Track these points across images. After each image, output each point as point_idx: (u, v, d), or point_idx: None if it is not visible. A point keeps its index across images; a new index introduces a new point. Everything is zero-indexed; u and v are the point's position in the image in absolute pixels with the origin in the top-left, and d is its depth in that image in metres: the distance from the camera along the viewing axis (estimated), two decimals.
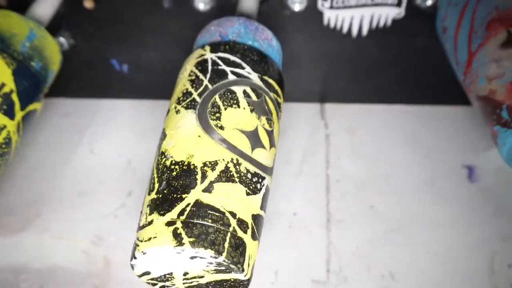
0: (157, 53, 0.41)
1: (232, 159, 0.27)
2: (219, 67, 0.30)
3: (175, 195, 0.25)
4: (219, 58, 0.31)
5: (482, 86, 0.30)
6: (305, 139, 0.42)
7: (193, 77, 0.30)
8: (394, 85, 0.42)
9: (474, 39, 0.32)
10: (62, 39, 0.40)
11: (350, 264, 0.34)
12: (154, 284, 0.27)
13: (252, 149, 0.28)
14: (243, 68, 0.30)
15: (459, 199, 0.37)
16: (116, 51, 0.41)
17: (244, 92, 0.29)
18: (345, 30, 0.38)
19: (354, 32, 0.38)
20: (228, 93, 0.29)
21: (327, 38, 0.39)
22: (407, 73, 0.41)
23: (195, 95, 0.29)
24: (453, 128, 0.41)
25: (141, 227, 0.26)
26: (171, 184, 0.26)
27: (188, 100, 0.29)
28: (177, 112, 0.29)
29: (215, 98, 0.29)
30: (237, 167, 0.27)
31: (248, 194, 0.27)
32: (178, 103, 0.29)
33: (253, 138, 0.28)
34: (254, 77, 0.30)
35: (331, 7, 0.36)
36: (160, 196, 0.26)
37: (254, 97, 0.30)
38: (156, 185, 0.26)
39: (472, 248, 0.34)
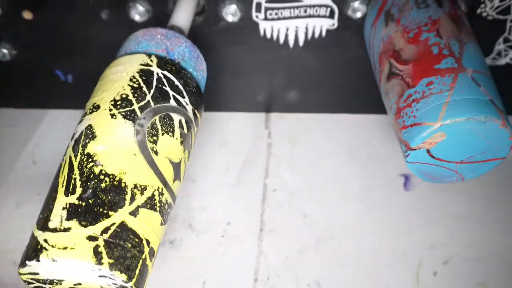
0: (99, 64, 0.41)
1: (158, 187, 0.27)
2: (164, 87, 0.29)
3: (101, 209, 0.25)
4: (165, 77, 0.30)
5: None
6: (247, 149, 0.42)
7: (136, 85, 0.29)
8: (335, 95, 0.43)
9: (376, 74, 0.33)
10: (4, 50, 0.40)
11: (278, 274, 0.34)
12: (30, 283, 0.26)
13: (174, 181, 0.28)
14: (183, 96, 0.30)
15: (392, 208, 0.37)
16: (60, 61, 0.41)
17: (180, 122, 0.30)
18: (281, 40, 0.38)
19: (291, 42, 0.39)
20: (167, 119, 0.29)
21: (266, 48, 0.39)
22: (346, 82, 0.41)
23: (135, 106, 0.28)
24: (392, 137, 0.42)
25: (51, 229, 0.24)
26: (99, 195, 0.25)
27: (127, 109, 0.28)
28: (113, 116, 0.28)
29: (155, 120, 0.28)
30: (160, 196, 0.27)
31: (161, 224, 0.27)
32: (115, 106, 0.28)
33: (176, 169, 0.29)
34: (189, 109, 0.31)
35: (266, 19, 0.37)
36: (84, 204, 0.25)
37: (185, 129, 0.30)
38: (79, 189, 0.25)
39: (400, 256, 0.34)
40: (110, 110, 0.28)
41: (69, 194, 0.25)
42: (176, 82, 0.30)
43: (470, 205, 0.37)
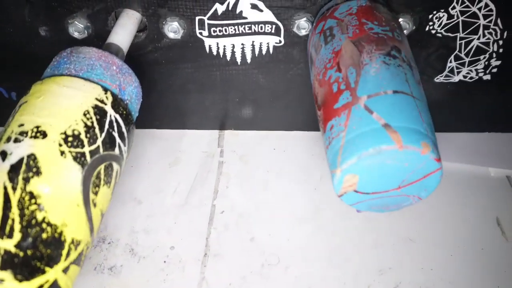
0: None
1: (87, 242, 0.26)
2: (113, 133, 0.28)
3: (38, 264, 0.23)
4: (116, 121, 0.28)
5: None
6: (197, 168, 0.41)
7: (89, 123, 0.27)
8: (288, 112, 0.41)
9: None
10: None
11: None
12: None
13: (94, 233, 0.27)
14: (124, 145, 0.29)
15: (342, 230, 0.36)
16: (3, 78, 0.40)
17: (117, 172, 0.28)
18: (228, 57, 0.37)
19: (238, 59, 0.37)
20: (110, 169, 0.27)
21: (214, 65, 0.38)
22: (299, 99, 0.40)
23: (86, 149, 0.26)
24: None
25: None
26: (38, 247, 0.23)
27: (78, 150, 0.26)
28: (63, 154, 0.25)
29: (100, 169, 0.27)
30: (84, 251, 0.26)
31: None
32: (66, 143, 0.25)
33: (99, 222, 0.27)
34: (124, 158, 0.29)
35: (210, 35, 0.36)
36: (21, 254, 0.22)
37: (117, 180, 0.28)
38: (17, 234, 0.23)
39: (348, 282, 0.33)
40: (60, 145, 0.25)
41: (4, 237, 0.23)
42: (123, 129, 0.29)
43: (420, 228, 0.36)
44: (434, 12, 0.34)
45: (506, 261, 0.35)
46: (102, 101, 0.28)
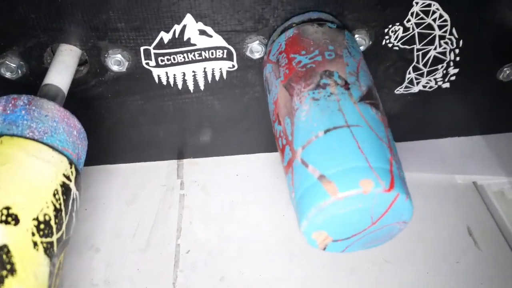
0: None
1: None
2: (73, 214, 0.25)
3: None
4: (76, 200, 0.25)
5: None
6: (158, 204, 0.38)
7: (58, 206, 0.23)
8: (248, 135, 0.40)
9: None
10: None
11: None
12: None
13: None
14: (74, 224, 0.26)
15: (316, 258, 0.35)
16: None
17: (63, 255, 0.25)
18: (180, 86, 0.35)
19: (191, 87, 0.35)
20: (64, 254, 0.24)
21: (165, 95, 0.35)
22: (258, 121, 0.38)
23: (54, 238, 0.23)
24: None
25: None
26: None
27: (48, 240, 0.22)
28: (35, 246, 0.21)
29: (62, 257, 0.24)
30: None
31: None
32: (38, 231, 0.22)
33: None
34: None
35: (158, 65, 0.33)
36: None
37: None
38: None
39: None
40: (33, 234, 0.22)
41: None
42: (78, 206, 0.26)
43: (394, 248, 0.35)
44: (390, 26, 0.33)
45: (481, 272, 0.34)
46: (68, 177, 0.25)
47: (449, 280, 0.34)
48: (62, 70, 0.31)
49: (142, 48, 0.32)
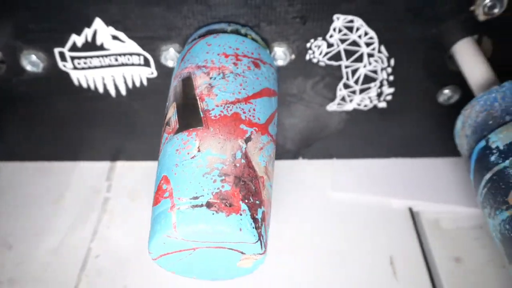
0: None
1: None
2: None
3: None
4: None
5: None
6: (81, 205, 0.38)
7: None
8: None
9: None
10: None
11: None
12: None
13: None
14: None
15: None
16: None
17: None
18: (101, 90, 0.35)
19: (112, 92, 0.35)
20: None
21: (88, 98, 0.35)
22: None
23: None
24: None
25: None
26: None
27: None
28: None
29: None
30: None
31: None
32: None
33: None
34: None
35: (75, 68, 0.33)
36: None
37: None
38: None
39: None
40: None
41: None
42: None
43: (317, 271, 0.34)
44: (312, 41, 0.32)
45: None
46: None
47: None
48: None
49: (56, 50, 0.32)
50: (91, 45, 0.32)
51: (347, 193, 0.39)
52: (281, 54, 0.32)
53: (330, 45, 0.32)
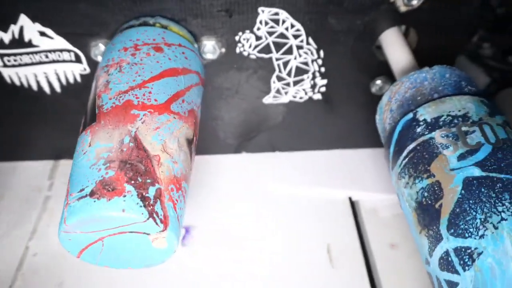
0: None
1: None
2: None
3: None
4: None
5: None
6: (20, 204, 0.38)
7: None
8: None
9: None
10: None
11: None
12: None
13: None
14: None
15: (164, 268, 0.34)
16: None
17: None
18: (35, 88, 0.34)
19: (46, 89, 0.35)
20: None
21: (23, 96, 0.35)
22: None
23: None
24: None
25: None
26: None
27: None
28: None
29: None
30: None
31: None
32: None
33: None
34: None
35: (5, 65, 0.33)
36: None
37: None
38: None
39: None
40: None
41: None
42: None
43: (249, 262, 0.34)
44: (240, 34, 0.32)
45: None
46: None
47: None
48: None
49: None
50: (19, 42, 0.32)
51: (288, 185, 0.39)
52: (210, 48, 0.32)
53: (258, 38, 0.32)
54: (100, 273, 0.33)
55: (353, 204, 0.39)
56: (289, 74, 0.35)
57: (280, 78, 0.35)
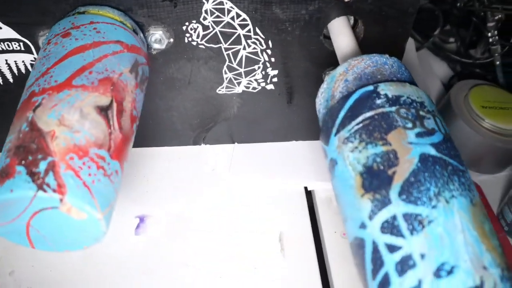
0: None
1: None
2: None
3: None
4: None
5: None
6: None
7: None
8: None
9: None
10: None
11: None
12: None
13: None
14: None
15: (116, 256, 0.34)
16: None
17: None
18: None
19: None
20: None
21: None
22: None
23: None
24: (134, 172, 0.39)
25: None
26: None
27: None
28: None
29: None
30: None
31: None
32: None
33: None
34: None
35: None
36: None
37: None
38: None
39: None
40: None
41: None
42: None
43: (205, 253, 0.35)
44: (187, 24, 0.32)
45: (280, 281, 0.33)
46: None
47: (245, 283, 0.33)
48: None
49: None
50: None
51: (245, 176, 0.40)
52: (158, 38, 0.33)
53: (206, 28, 0.33)
54: (50, 256, 0.34)
55: (309, 194, 0.39)
56: (239, 64, 0.35)
57: (231, 69, 0.35)
